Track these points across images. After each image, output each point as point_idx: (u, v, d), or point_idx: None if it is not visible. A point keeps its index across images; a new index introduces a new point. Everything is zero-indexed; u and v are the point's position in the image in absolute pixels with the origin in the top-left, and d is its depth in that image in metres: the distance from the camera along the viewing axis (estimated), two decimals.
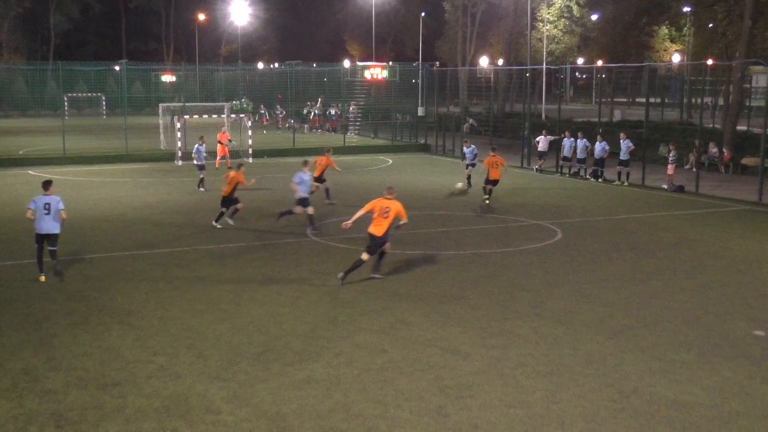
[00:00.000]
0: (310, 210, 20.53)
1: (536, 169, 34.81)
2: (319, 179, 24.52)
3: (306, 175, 20.64)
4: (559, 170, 33.89)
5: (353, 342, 12.17)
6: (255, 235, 20.41)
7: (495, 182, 25.38)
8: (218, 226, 21.09)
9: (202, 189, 28.37)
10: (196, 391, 10.22)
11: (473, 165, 29.50)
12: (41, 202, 15.49)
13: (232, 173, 21.13)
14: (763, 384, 10.55)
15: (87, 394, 10.09)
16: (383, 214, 15.40)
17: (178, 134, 37.78)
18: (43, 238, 15.55)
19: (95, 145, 42.40)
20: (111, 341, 12.22)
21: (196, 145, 28.96)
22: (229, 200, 21.06)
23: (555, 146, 34.49)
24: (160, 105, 45.46)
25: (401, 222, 15.74)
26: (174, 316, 13.53)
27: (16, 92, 71.47)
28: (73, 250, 18.29)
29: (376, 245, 15.53)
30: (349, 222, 15.80)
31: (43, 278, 15.58)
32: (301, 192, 20.37)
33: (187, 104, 46.74)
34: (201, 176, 28.69)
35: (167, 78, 79.67)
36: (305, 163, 21.19)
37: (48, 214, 15.42)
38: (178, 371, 10.92)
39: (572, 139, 33.03)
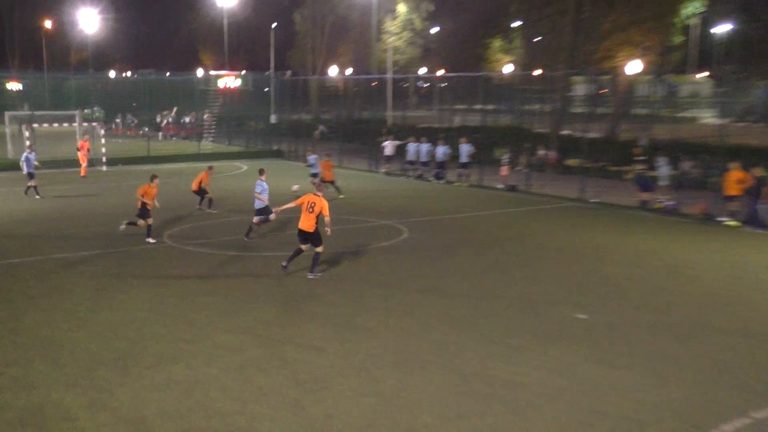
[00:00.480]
0: (273, 217, 19.69)
1: (383, 173, 35.40)
2: (199, 192, 24.23)
3: (266, 183, 19.85)
4: (405, 173, 34.62)
5: (212, 342, 12.00)
6: (110, 242, 19.64)
7: (330, 182, 26.80)
8: (121, 228, 19.65)
9: (37, 196, 27.47)
10: (51, 400, 9.78)
11: (316, 175, 29.20)
12: None
13: (144, 186, 19.65)
14: (585, 362, 11.23)
15: None
16: (309, 208, 15.85)
17: (27, 143, 35.99)
18: None
19: None
20: None
21: (24, 153, 27.92)
22: (144, 212, 19.55)
23: (400, 150, 35.21)
24: (6, 113, 42.79)
25: (325, 219, 15.83)
26: (27, 326, 12.84)
27: None
28: None
29: (305, 238, 15.97)
30: (280, 209, 17.17)
31: None
32: (264, 200, 19.54)
33: (35, 113, 44.27)
34: (31, 184, 27.69)
35: (13, 86, 74.73)
36: (261, 171, 20.32)
37: None
38: (32, 381, 10.40)
39: (416, 143, 33.84)
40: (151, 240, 19.54)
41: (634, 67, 39.26)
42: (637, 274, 16.57)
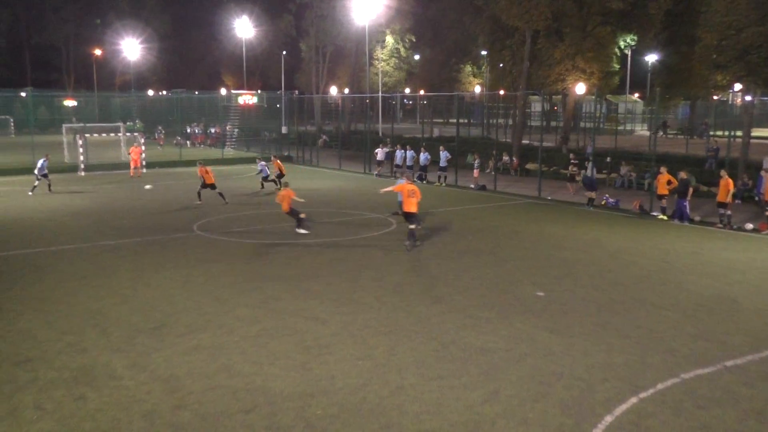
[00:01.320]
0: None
1: (375, 175, 35.22)
2: (212, 186, 24.31)
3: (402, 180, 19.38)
4: (393, 175, 34.43)
5: (233, 315, 11.86)
6: (148, 231, 19.45)
7: (282, 175, 28.14)
8: (302, 232, 19.08)
9: (30, 193, 27.22)
10: (100, 362, 9.64)
11: (267, 178, 29.03)
12: None
13: (282, 192, 19.10)
14: (543, 332, 11.16)
15: (1, 371, 9.29)
16: (410, 195, 16.71)
17: (80, 149, 35.65)
18: None
19: (4, 160, 38.89)
20: (23, 325, 11.29)
21: (41, 160, 27.60)
22: (293, 213, 19.08)
23: (389, 156, 35.03)
24: (64, 125, 42.36)
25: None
26: (80, 301, 12.68)
27: None
28: None
29: (413, 218, 17.02)
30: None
31: None
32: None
33: (87, 124, 43.87)
34: (37, 183, 27.45)
35: (69, 103, 74.20)
36: (403, 173, 20.38)
37: None
38: (84, 346, 10.25)
39: (402, 150, 33.65)
40: (303, 231, 18.89)
41: (580, 88, 39.23)
42: (585, 259, 16.52)
